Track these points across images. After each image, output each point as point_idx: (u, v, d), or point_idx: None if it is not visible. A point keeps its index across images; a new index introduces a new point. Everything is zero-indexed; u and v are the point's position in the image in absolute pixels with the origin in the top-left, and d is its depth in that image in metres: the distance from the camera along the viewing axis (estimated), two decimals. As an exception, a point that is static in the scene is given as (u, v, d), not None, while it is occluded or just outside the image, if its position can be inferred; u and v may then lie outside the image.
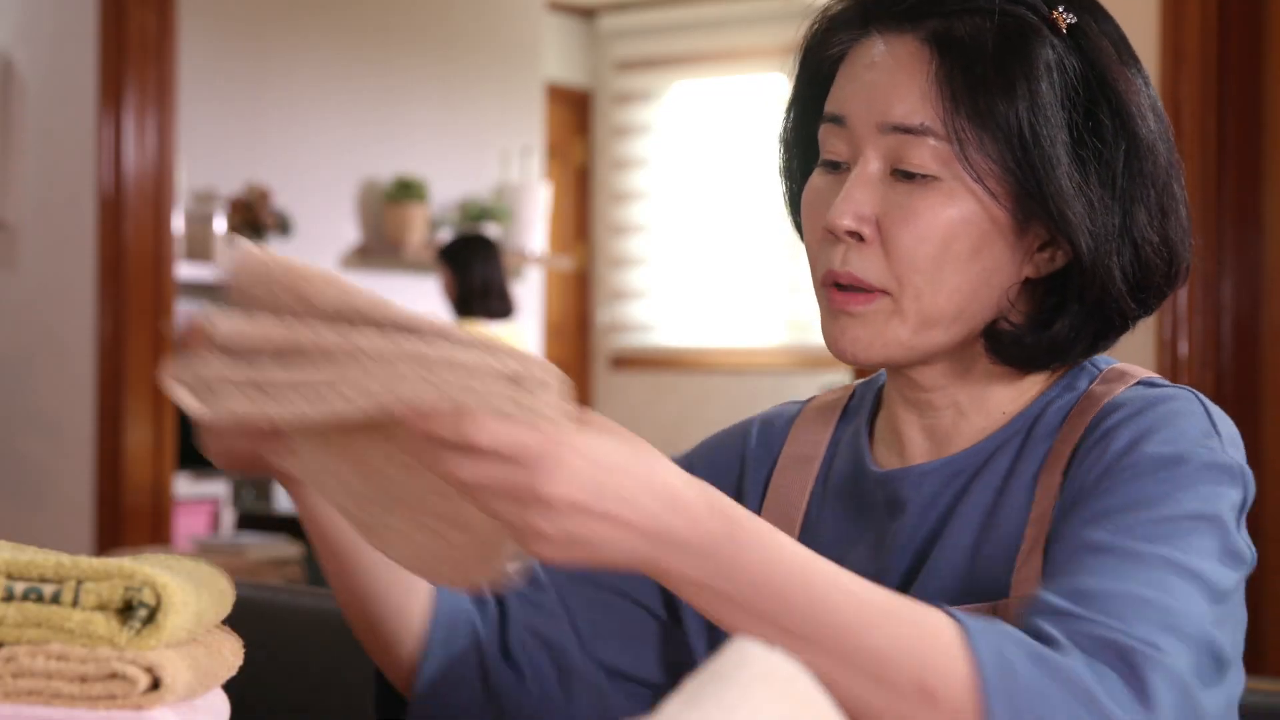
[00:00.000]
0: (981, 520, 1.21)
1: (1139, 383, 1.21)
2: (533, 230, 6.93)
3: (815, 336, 8.46)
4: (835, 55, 1.24)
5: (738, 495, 1.35)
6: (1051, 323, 1.21)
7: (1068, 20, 1.19)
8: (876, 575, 1.22)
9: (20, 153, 4.59)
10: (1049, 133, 1.15)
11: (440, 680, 1.31)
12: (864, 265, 1.18)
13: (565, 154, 8.22)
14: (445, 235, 6.62)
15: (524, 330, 6.29)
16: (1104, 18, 1.22)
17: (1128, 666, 1.01)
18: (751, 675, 0.75)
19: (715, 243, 7.93)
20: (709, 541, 0.98)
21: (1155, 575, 1.06)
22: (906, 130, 1.17)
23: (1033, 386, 1.25)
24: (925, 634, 0.99)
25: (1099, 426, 1.17)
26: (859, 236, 1.18)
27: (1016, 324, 1.21)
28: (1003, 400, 1.24)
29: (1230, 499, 1.13)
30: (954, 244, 1.17)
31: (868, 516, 1.27)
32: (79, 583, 0.96)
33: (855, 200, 1.18)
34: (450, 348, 0.95)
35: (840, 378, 6.58)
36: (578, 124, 8.36)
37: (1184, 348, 3.19)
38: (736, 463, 1.37)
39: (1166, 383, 1.22)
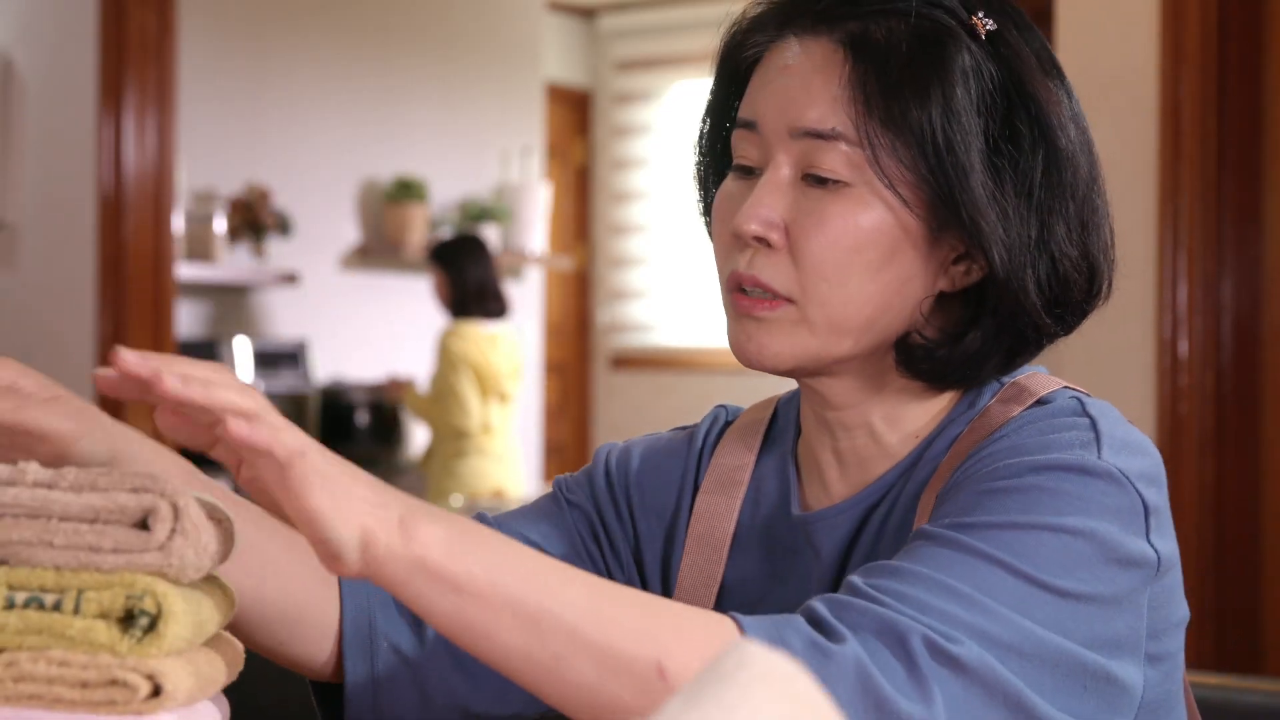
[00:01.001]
0: (868, 553, 1.20)
1: (1036, 403, 1.17)
2: (533, 230, 6.93)
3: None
4: (751, 58, 1.21)
5: (674, 510, 1.32)
6: (963, 336, 1.17)
7: (987, 26, 1.15)
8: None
9: (20, 153, 4.59)
10: (963, 139, 1.12)
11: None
12: (770, 271, 1.16)
13: (565, 154, 8.22)
14: (445, 235, 6.62)
15: (520, 329, 6.28)
16: (1025, 26, 1.18)
17: (905, 653, 1.00)
18: (751, 675, 0.75)
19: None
20: (448, 517, 0.98)
21: (978, 571, 1.04)
22: (818, 135, 1.14)
23: (941, 405, 1.21)
24: (695, 626, 1.00)
25: (983, 451, 1.13)
26: (766, 242, 1.16)
27: (929, 338, 1.18)
28: (914, 418, 1.21)
29: (1107, 505, 1.08)
30: (864, 251, 1.14)
31: (790, 558, 1.25)
32: (80, 591, 0.96)
33: (764, 205, 1.16)
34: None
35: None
36: (578, 124, 8.37)
37: (1184, 348, 3.19)
38: (678, 477, 1.34)
39: (1076, 397, 1.17)
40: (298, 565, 1.22)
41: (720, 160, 1.26)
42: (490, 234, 6.75)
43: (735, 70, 1.23)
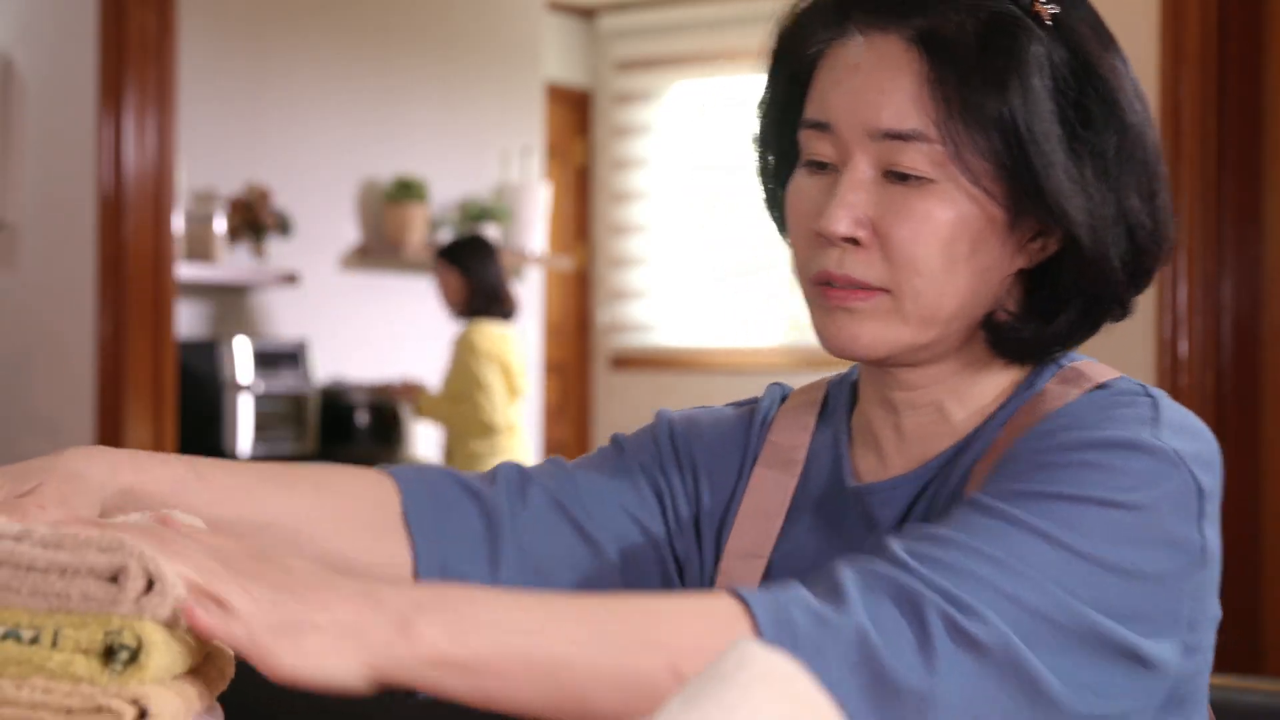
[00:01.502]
0: None
1: (1096, 388, 1.18)
2: (533, 230, 6.93)
3: (815, 336, 8.43)
4: (813, 54, 1.21)
5: (735, 483, 1.33)
6: (1054, 315, 1.19)
7: (1050, 11, 1.16)
8: None
9: (20, 153, 4.59)
10: (1043, 129, 1.14)
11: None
12: (863, 269, 1.17)
13: (565, 154, 8.22)
14: (445, 235, 6.62)
15: (525, 331, 6.28)
16: (1080, 2, 1.20)
17: (920, 624, 1.00)
18: (751, 675, 0.75)
19: (715, 243, 7.93)
20: (439, 597, 0.99)
21: (1016, 538, 1.05)
22: (897, 136, 1.15)
23: (1006, 384, 1.23)
24: (698, 617, 1.00)
25: (1041, 426, 1.15)
26: (854, 241, 1.17)
27: (1013, 313, 1.20)
28: (980, 396, 1.23)
29: (1159, 485, 1.09)
30: (953, 245, 1.16)
31: (845, 530, 1.26)
32: (56, 629, 0.94)
33: (850, 205, 1.16)
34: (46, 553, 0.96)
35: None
36: (578, 124, 8.36)
37: (1184, 348, 3.19)
38: (739, 452, 1.35)
39: (1128, 384, 1.18)
40: (349, 534, 1.23)
41: (787, 155, 1.26)
42: (490, 234, 6.75)
43: (797, 66, 1.23)
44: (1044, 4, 1.16)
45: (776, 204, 1.28)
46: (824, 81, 1.20)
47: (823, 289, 1.19)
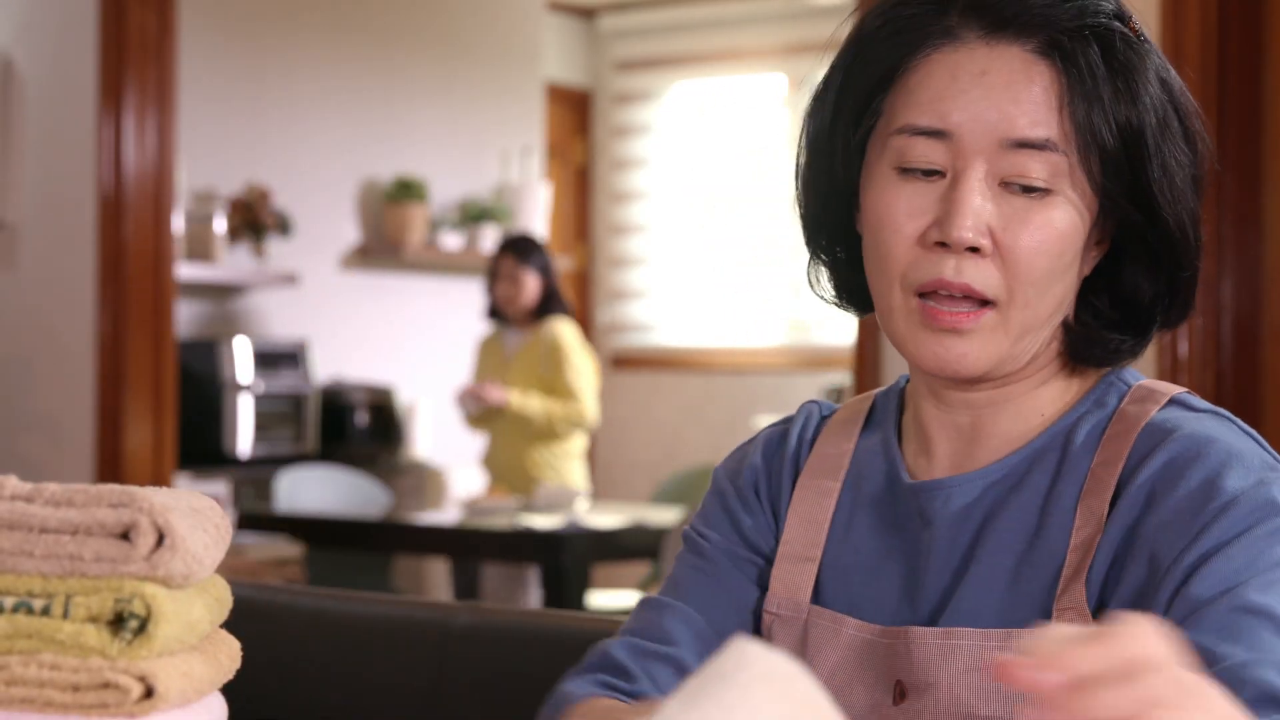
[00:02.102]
0: (1022, 541, 1.21)
1: (1171, 401, 1.21)
2: (533, 230, 6.93)
3: (815, 336, 8.50)
4: (916, 57, 1.19)
5: (775, 498, 1.34)
6: (1146, 322, 1.23)
7: (1139, 29, 1.20)
8: (913, 587, 1.23)
9: (20, 153, 4.59)
10: (1160, 138, 1.18)
11: None
12: (982, 279, 1.17)
13: (565, 154, 8.22)
14: (445, 235, 6.62)
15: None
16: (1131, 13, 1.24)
17: None
18: (751, 675, 0.75)
19: (715, 243, 7.93)
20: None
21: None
22: (1030, 145, 1.16)
23: (1069, 392, 1.25)
24: None
25: (1149, 458, 1.17)
26: (975, 249, 1.17)
27: (1096, 317, 1.23)
28: (1042, 402, 1.25)
29: None
30: (1064, 255, 1.18)
31: (901, 527, 1.27)
32: (68, 596, 0.95)
33: (975, 213, 1.17)
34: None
35: (841, 377, 6.58)
36: (578, 124, 8.36)
37: (1184, 348, 3.19)
38: (781, 469, 1.35)
39: (1197, 401, 1.22)
40: None
41: (856, 154, 1.23)
42: (490, 234, 6.75)
43: (885, 66, 1.21)
44: (1134, 23, 1.20)
45: (826, 203, 1.26)
46: (935, 86, 1.19)
47: (930, 308, 1.19)
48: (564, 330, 5.52)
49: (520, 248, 5.56)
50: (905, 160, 1.19)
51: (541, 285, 5.51)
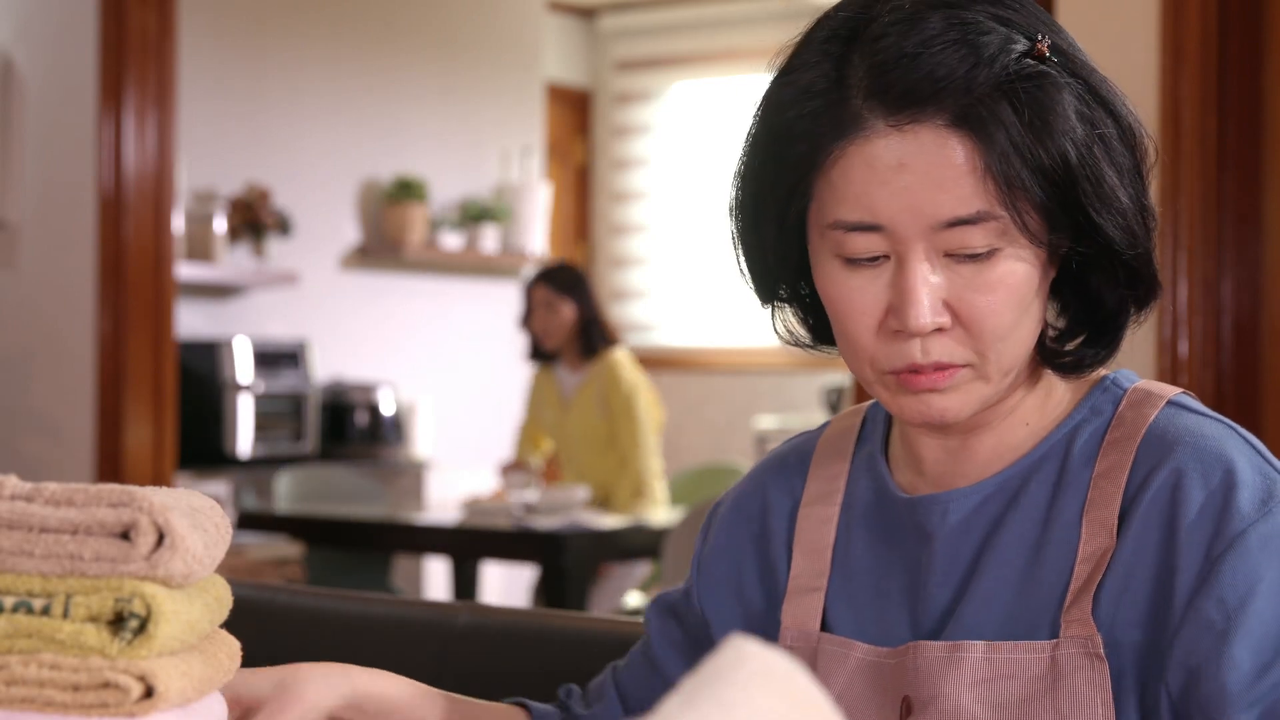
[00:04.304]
0: (1026, 553, 1.20)
1: (1169, 404, 1.21)
2: (533, 230, 6.93)
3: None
4: (828, 156, 1.15)
5: (764, 537, 1.35)
6: (1113, 332, 1.22)
7: (1046, 44, 1.15)
8: (916, 602, 1.24)
9: (20, 153, 4.59)
10: (1088, 158, 1.14)
11: None
12: (950, 351, 1.17)
13: (565, 154, 8.22)
14: (445, 235, 6.62)
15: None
16: (1054, 24, 1.19)
17: None
18: (749, 673, 0.75)
19: (716, 243, 7.93)
20: None
21: None
22: (964, 222, 1.13)
23: (1053, 398, 1.25)
24: None
25: (1156, 471, 1.17)
26: (937, 329, 1.16)
27: (1060, 334, 1.22)
28: (1027, 413, 1.24)
29: None
30: (1023, 301, 1.17)
31: (898, 541, 1.27)
32: (68, 596, 0.96)
33: (931, 293, 1.15)
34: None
35: (841, 377, 6.57)
36: (578, 124, 8.36)
37: (1184, 348, 3.19)
38: (759, 513, 1.36)
39: (1195, 403, 1.22)
40: None
41: (788, 234, 1.21)
42: (490, 234, 6.75)
43: (802, 156, 1.17)
44: (1041, 40, 1.15)
45: (764, 266, 1.25)
46: (858, 182, 1.15)
47: (906, 377, 1.18)
48: (624, 370, 5.23)
49: (554, 275, 5.27)
50: (845, 252, 1.17)
51: (578, 313, 5.20)
